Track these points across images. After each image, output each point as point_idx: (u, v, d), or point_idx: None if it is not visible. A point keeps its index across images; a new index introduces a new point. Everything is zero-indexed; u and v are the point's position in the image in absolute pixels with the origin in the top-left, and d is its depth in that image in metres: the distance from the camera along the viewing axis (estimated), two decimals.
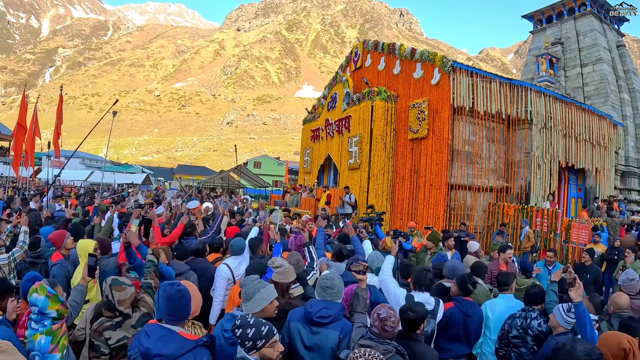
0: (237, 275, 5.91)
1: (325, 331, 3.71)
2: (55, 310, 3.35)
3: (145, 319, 3.65)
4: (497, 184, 15.98)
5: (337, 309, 3.79)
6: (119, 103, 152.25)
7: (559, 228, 13.38)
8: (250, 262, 5.79)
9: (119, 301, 3.58)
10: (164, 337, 3.14)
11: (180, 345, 3.10)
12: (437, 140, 14.83)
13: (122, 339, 3.52)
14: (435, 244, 8.62)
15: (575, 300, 4.13)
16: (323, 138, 21.30)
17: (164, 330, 3.20)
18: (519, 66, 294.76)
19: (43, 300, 3.32)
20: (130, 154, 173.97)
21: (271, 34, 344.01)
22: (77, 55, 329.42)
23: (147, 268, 4.42)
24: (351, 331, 3.74)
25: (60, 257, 5.83)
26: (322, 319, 3.72)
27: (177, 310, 3.29)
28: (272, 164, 77.38)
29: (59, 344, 3.29)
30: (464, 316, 4.85)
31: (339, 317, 3.80)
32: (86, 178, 40.83)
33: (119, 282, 3.66)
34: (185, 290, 3.35)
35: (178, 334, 3.18)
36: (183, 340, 3.14)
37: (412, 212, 15.62)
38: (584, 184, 19.07)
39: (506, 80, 15.98)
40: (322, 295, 3.93)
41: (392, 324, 3.45)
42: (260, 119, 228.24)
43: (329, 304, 3.83)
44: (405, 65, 16.90)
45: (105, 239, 6.31)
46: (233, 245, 6.09)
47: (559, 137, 16.67)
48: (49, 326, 3.32)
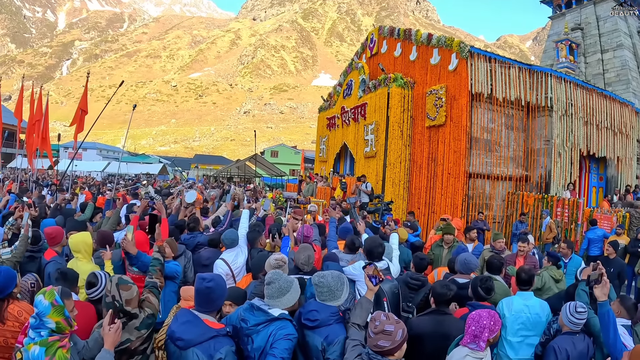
0: (235, 269, 5.82)
1: (312, 335, 3.45)
2: (55, 322, 3.04)
3: (150, 320, 3.47)
4: (517, 172, 15.63)
5: (327, 313, 3.47)
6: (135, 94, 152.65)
7: (581, 218, 13.05)
8: (255, 257, 5.65)
9: (127, 301, 3.35)
10: (188, 322, 3.25)
11: (202, 332, 3.16)
12: (455, 128, 14.52)
13: (125, 341, 3.29)
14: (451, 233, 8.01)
15: (599, 299, 3.90)
16: (339, 126, 21.06)
17: (190, 316, 3.30)
18: (537, 53, 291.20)
19: (46, 307, 3.04)
20: (147, 145, 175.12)
21: (287, 22, 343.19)
22: (93, 47, 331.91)
23: (153, 266, 4.21)
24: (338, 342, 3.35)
25: (53, 254, 5.61)
26: (308, 322, 3.48)
27: (205, 303, 3.37)
28: (289, 153, 77.23)
29: (56, 356, 2.98)
30: None
31: (328, 322, 3.46)
32: (103, 169, 40.97)
33: (124, 280, 3.43)
34: (215, 287, 3.38)
35: (202, 321, 3.24)
36: (205, 327, 3.20)
37: (429, 202, 15.36)
38: (605, 173, 18.62)
39: (525, 66, 15.60)
40: (316, 294, 3.64)
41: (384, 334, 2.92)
42: (277, 108, 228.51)
43: (320, 306, 3.52)
44: (421, 51, 16.57)
45: (106, 232, 6.00)
46: (224, 239, 6.00)
47: (579, 124, 16.24)
48: (45, 337, 3.01)
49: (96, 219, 8.57)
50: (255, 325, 3.33)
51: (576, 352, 4.06)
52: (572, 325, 4.09)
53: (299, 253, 4.84)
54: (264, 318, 3.33)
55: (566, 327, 4.14)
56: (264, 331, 3.29)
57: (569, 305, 4.15)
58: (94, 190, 18.12)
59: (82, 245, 5.19)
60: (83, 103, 16.04)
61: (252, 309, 3.44)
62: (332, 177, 19.32)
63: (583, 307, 4.11)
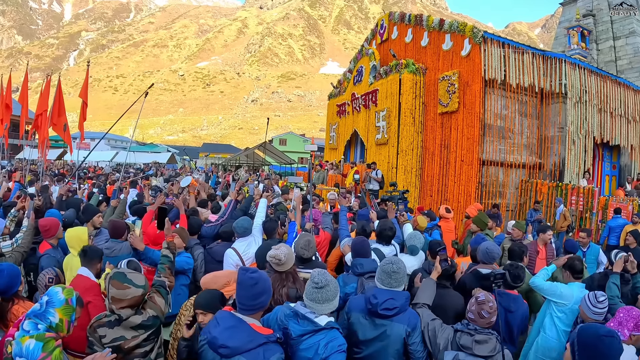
0: (247, 259, 5.44)
1: (391, 324, 3.40)
2: (59, 319, 2.86)
3: (151, 322, 3.25)
4: (530, 160, 15.43)
5: (403, 298, 3.44)
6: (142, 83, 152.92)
7: (596, 207, 12.88)
8: (260, 246, 5.33)
9: (113, 298, 3.13)
10: (233, 327, 2.93)
11: (250, 338, 2.86)
12: (468, 114, 14.32)
13: (119, 338, 3.10)
14: (481, 229, 7.72)
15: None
16: (349, 113, 20.84)
17: (234, 320, 2.98)
18: (546, 41, 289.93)
19: (59, 300, 2.88)
20: (155, 134, 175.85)
21: (294, 10, 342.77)
22: (100, 38, 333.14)
23: (162, 264, 3.96)
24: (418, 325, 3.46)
25: (48, 246, 5.37)
26: (387, 311, 3.39)
27: (248, 299, 3.03)
28: (297, 141, 77.23)
29: (52, 355, 2.73)
30: (505, 312, 4.39)
31: (405, 308, 3.46)
32: (111, 159, 40.95)
33: (122, 277, 3.17)
34: (260, 278, 3.08)
35: (249, 326, 2.94)
36: (253, 333, 2.90)
37: (442, 189, 15.21)
38: (619, 161, 18.38)
39: (539, 52, 15.33)
40: (388, 282, 3.57)
41: (490, 309, 3.27)
42: (285, 96, 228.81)
43: (394, 293, 3.49)
44: (433, 37, 16.33)
45: (118, 222, 5.67)
46: (236, 227, 5.62)
47: (594, 111, 15.99)
48: (41, 331, 2.79)
49: (102, 208, 8.25)
50: (300, 335, 3.11)
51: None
52: (596, 316, 3.95)
53: (298, 239, 4.73)
54: (311, 328, 3.11)
55: (589, 318, 3.98)
56: (309, 341, 3.08)
57: (589, 296, 4.03)
58: (102, 179, 17.99)
59: (76, 240, 4.96)
60: (83, 93, 15.91)
61: (297, 317, 3.19)
62: (343, 165, 19.20)
63: (603, 295, 4.00)
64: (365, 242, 4.94)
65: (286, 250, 4.12)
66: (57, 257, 5.15)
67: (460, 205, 14.11)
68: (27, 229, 5.41)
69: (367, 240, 5.09)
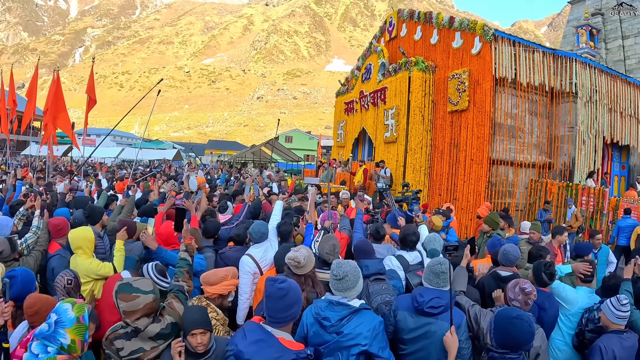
0: (264, 266, 5.18)
1: (436, 322, 3.42)
2: (70, 340, 2.63)
3: (169, 331, 3.10)
4: (540, 159, 15.30)
5: (448, 297, 3.42)
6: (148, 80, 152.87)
7: (606, 208, 12.78)
8: (279, 249, 5.17)
9: (125, 312, 2.97)
10: (260, 341, 2.80)
11: (278, 354, 2.73)
12: (479, 113, 14.21)
13: (138, 350, 2.97)
14: (493, 228, 7.66)
15: None
16: (357, 110, 20.74)
17: (262, 333, 2.85)
18: (552, 39, 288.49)
19: (69, 319, 2.65)
20: (161, 130, 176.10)
21: (300, 8, 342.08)
22: (106, 34, 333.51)
23: (179, 268, 3.76)
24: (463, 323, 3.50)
25: (58, 246, 5.18)
26: (432, 309, 3.43)
27: (278, 311, 2.89)
28: (303, 138, 77.22)
29: None
30: (539, 309, 4.33)
31: (449, 306, 3.44)
32: (117, 155, 40.92)
33: (128, 288, 3.00)
34: (291, 288, 2.94)
35: (277, 340, 2.80)
36: (282, 348, 2.77)
37: (451, 188, 15.11)
38: (628, 161, 18.23)
39: (549, 51, 15.22)
40: (436, 282, 3.61)
41: (534, 297, 3.76)
42: (291, 94, 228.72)
43: (440, 292, 3.51)
44: (443, 35, 16.21)
45: (129, 222, 5.41)
46: (252, 232, 5.30)
47: (604, 111, 15.85)
48: (52, 354, 2.59)
49: (112, 206, 8.02)
50: (339, 320, 3.16)
51: (624, 352, 3.82)
52: (620, 321, 3.86)
53: (322, 243, 4.63)
54: (347, 311, 3.19)
55: (613, 325, 3.90)
56: (349, 325, 3.16)
57: (611, 301, 3.93)
58: (109, 176, 17.92)
59: (82, 241, 4.72)
60: (90, 89, 15.87)
61: (332, 305, 3.25)
62: (352, 163, 19.12)
63: (625, 298, 3.91)
64: (367, 242, 4.95)
65: (306, 252, 4.04)
66: (67, 258, 4.96)
67: (469, 205, 14.05)
68: (43, 227, 5.26)
69: (369, 241, 5.12)
